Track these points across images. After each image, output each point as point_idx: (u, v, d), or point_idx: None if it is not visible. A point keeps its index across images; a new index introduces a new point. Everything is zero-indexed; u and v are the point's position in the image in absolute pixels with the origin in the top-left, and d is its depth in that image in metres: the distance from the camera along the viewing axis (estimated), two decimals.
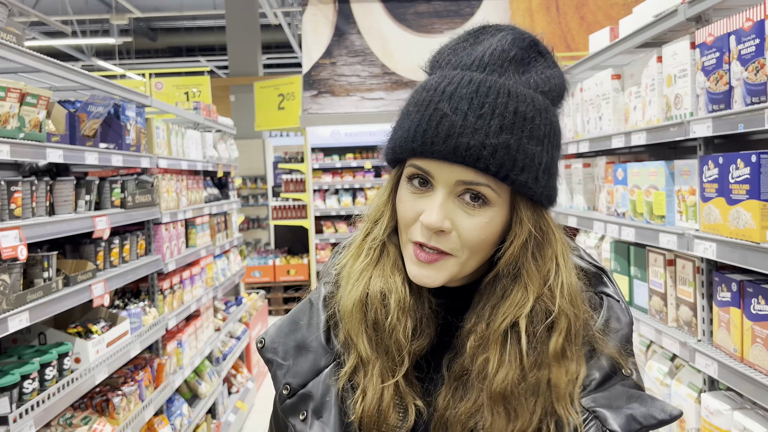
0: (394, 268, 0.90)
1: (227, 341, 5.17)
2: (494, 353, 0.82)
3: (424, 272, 0.84)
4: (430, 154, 0.80)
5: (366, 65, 8.13)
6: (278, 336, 0.96)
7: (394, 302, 0.87)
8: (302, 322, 0.96)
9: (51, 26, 10.56)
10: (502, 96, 0.80)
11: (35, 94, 2.20)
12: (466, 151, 0.78)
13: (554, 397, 0.80)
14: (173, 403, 3.69)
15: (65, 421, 2.57)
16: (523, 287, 0.83)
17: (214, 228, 4.78)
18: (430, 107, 0.81)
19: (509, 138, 0.79)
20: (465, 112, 0.79)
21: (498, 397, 0.81)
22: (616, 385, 0.82)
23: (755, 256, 1.73)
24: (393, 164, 0.91)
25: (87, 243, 2.82)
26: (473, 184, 0.80)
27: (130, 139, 3.14)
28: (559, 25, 8.63)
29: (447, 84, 0.82)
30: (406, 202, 0.85)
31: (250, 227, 11.65)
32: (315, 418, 0.89)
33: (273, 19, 11.30)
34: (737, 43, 1.81)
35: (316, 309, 0.96)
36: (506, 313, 0.83)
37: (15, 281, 2.11)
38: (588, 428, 0.79)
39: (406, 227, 0.86)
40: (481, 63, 0.83)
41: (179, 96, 6.52)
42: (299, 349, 0.93)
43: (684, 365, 2.40)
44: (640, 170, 2.49)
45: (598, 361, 0.83)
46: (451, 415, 0.83)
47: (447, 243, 0.82)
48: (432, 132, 0.80)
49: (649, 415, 0.79)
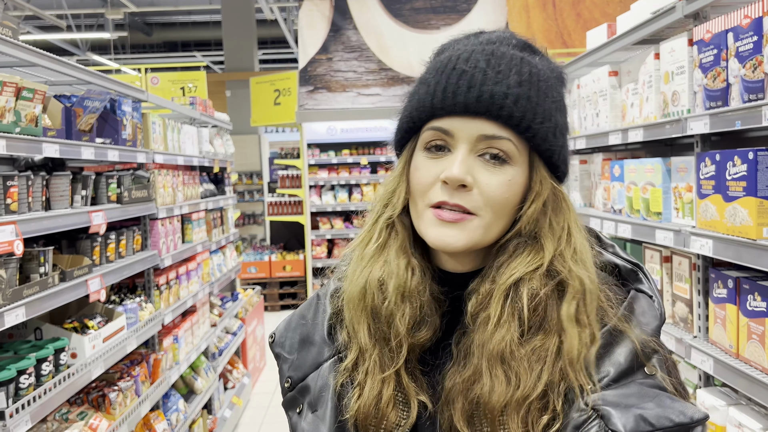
0: (400, 251, 0.87)
1: (223, 337, 5.17)
2: (495, 310, 0.79)
3: (447, 231, 0.80)
4: (452, 107, 0.79)
5: (362, 61, 8.11)
6: (286, 330, 0.97)
7: (392, 287, 0.84)
8: (309, 317, 0.96)
9: (46, 20, 10.50)
10: (516, 59, 0.82)
11: (31, 88, 2.19)
12: (491, 98, 0.78)
13: (567, 363, 0.76)
14: (169, 399, 3.69)
15: (61, 417, 2.56)
16: (538, 248, 0.82)
17: (210, 224, 4.77)
18: (448, 68, 0.82)
19: (528, 90, 0.80)
20: (484, 69, 0.80)
21: (496, 358, 0.77)
22: (632, 383, 0.75)
23: (751, 253, 1.73)
24: (403, 142, 0.89)
25: (83, 238, 2.81)
26: (496, 138, 0.79)
27: (127, 134, 3.13)
28: (555, 22, 8.63)
29: (461, 52, 0.83)
30: (422, 168, 0.83)
31: (246, 223, 11.64)
32: (310, 411, 0.88)
33: (269, 14, 11.27)
34: (735, 40, 1.81)
35: (323, 303, 0.95)
36: (514, 269, 0.80)
37: (11, 276, 2.10)
38: (589, 428, 0.72)
39: (422, 193, 0.82)
40: (489, 41, 0.85)
41: (175, 91, 6.50)
42: (303, 342, 0.93)
43: (679, 361, 2.42)
44: (637, 167, 2.49)
45: (614, 355, 0.77)
46: (454, 388, 0.80)
47: (470, 200, 0.79)
48: (453, 86, 0.80)
49: (664, 416, 0.70)
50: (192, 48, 16.27)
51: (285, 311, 8.61)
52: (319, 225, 8.22)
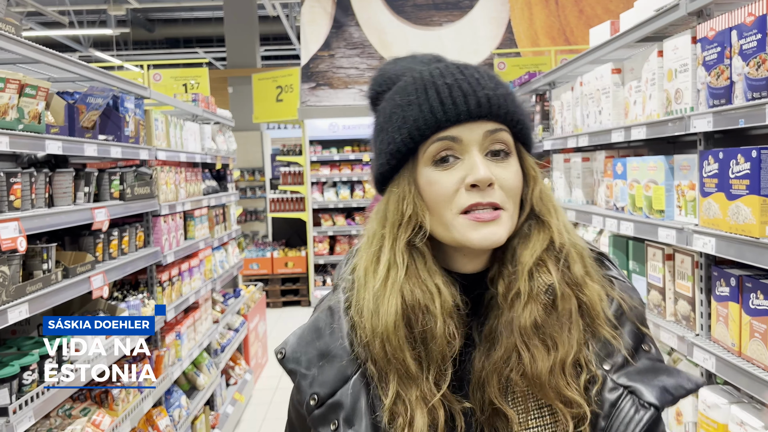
0: (432, 270, 0.88)
1: (225, 333, 5.18)
2: (524, 288, 0.85)
3: (489, 230, 0.85)
4: (457, 116, 0.85)
5: (364, 57, 8.10)
6: (300, 345, 0.93)
7: (439, 307, 0.85)
8: (324, 330, 0.92)
9: (48, 17, 10.50)
10: (478, 68, 0.91)
11: (34, 85, 2.19)
12: (488, 101, 0.86)
13: (593, 317, 0.85)
14: (172, 395, 3.70)
15: (64, 413, 2.57)
16: (544, 226, 0.90)
17: (213, 220, 4.78)
18: (433, 85, 0.88)
19: (504, 90, 0.89)
20: (467, 79, 0.87)
21: (529, 330, 0.83)
22: (642, 359, 0.85)
23: (754, 251, 1.73)
24: (397, 168, 0.90)
25: (86, 235, 2.82)
26: (497, 131, 0.87)
27: (129, 130, 3.13)
28: (558, 18, 8.61)
29: (427, 71, 0.90)
30: (439, 180, 0.86)
31: (248, 219, 11.64)
32: (347, 427, 0.86)
33: (271, 10, 11.26)
34: (739, 38, 1.81)
35: (338, 316, 0.93)
36: (534, 248, 0.88)
37: (14, 273, 2.11)
38: (624, 404, 0.81)
39: (447, 203, 0.86)
40: (435, 59, 0.96)
41: (177, 88, 6.50)
42: (323, 356, 0.90)
43: (681, 359, 2.42)
44: (639, 165, 2.49)
45: (622, 336, 0.86)
46: (487, 371, 0.84)
47: (498, 196, 0.86)
48: (450, 98, 0.86)
49: (679, 385, 0.83)
50: (194, 44, 16.26)
51: (287, 308, 8.62)
52: (321, 222, 8.22)
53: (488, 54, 8.22)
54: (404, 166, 0.90)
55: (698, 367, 2.19)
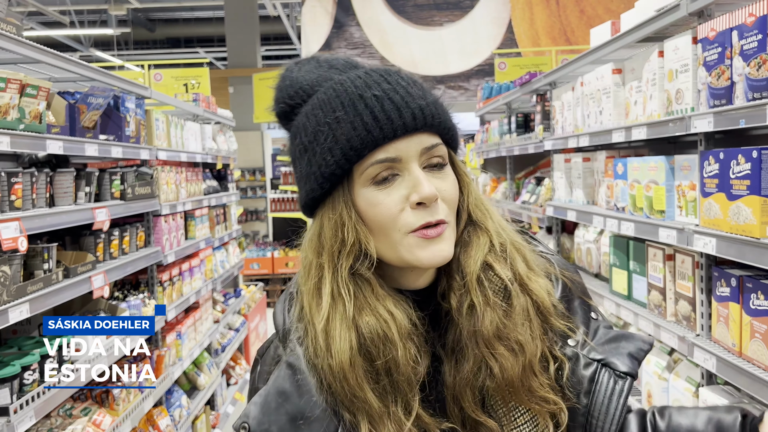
0: (381, 295, 0.83)
1: (226, 333, 5.18)
2: (476, 298, 0.84)
3: (437, 247, 0.82)
4: (393, 132, 0.80)
5: (365, 57, 8.10)
6: (265, 414, 0.81)
7: (396, 334, 0.80)
8: (290, 391, 0.81)
9: (49, 16, 10.50)
10: (399, 74, 0.86)
11: (35, 85, 2.19)
12: (422, 112, 0.82)
13: (545, 314, 0.86)
14: (172, 395, 3.70)
15: (65, 413, 2.58)
16: (482, 230, 0.88)
17: (213, 220, 4.78)
18: (361, 99, 0.81)
19: (432, 97, 0.86)
20: (394, 88, 0.82)
21: (493, 339, 0.82)
22: (598, 329, 0.89)
23: (755, 252, 1.73)
24: (330, 191, 0.84)
25: (87, 235, 2.82)
26: (435, 146, 0.83)
27: (130, 130, 3.14)
28: (558, 18, 8.61)
29: (353, 81, 0.84)
30: (381, 201, 0.81)
31: (249, 219, 11.64)
32: None
33: (272, 10, 11.26)
34: (740, 39, 1.81)
35: (302, 371, 0.82)
36: (476, 256, 0.86)
37: (15, 273, 2.11)
38: (602, 377, 0.83)
39: (393, 224, 0.81)
40: (349, 65, 0.91)
41: (178, 87, 6.50)
42: (295, 420, 0.80)
43: (682, 359, 2.42)
44: (640, 165, 2.49)
45: (575, 312, 0.89)
46: (458, 384, 0.83)
47: (442, 211, 0.83)
48: (383, 113, 0.80)
49: (639, 349, 0.87)
50: (195, 44, 16.26)
51: None
52: None
53: (489, 54, 8.22)
54: (337, 188, 0.83)
55: (699, 367, 2.19)
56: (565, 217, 3.32)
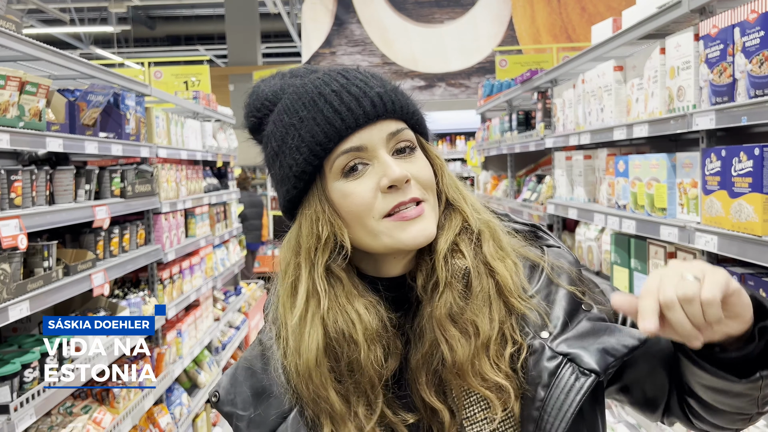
0: (352, 294, 0.84)
1: (226, 331, 5.18)
2: (441, 276, 0.84)
3: (419, 225, 0.83)
4: (355, 122, 0.82)
5: (366, 55, 8.10)
6: (233, 386, 0.88)
7: (361, 334, 0.81)
8: (257, 367, 0.88)
9: (49, 14, 10.49)
10: (358, 70, 0.88)
11: (35, 82, 2.19)
12: (380, 99, 0.83)
13: (507, 295, 0.83)
14: (173, 393, 3.70)
15: (65, 410, 2.57)
16: (456, 211, 0.89)
17: (214, 218, 4.78)
18: (321, 96, 0.84)
19: (391, 86, 0.87)
20: (351, 81, 0.84)
21: (446, 320, 0.82)
22: (582, 321, 0.83)
23: (756, 249, 1.72)
24: (305, 191, 0.86)
25: (87, 232, 2.82)
26: (400, 131, 0.85)
27: (130, 128, 3.13)
28: (560, 16, 8.59)
29: (312, 82, 0.86)
30: (353, 191, 0.83)
31: None
32: None
33: (272, 8, 11.24)
34: (742, 35, 1.80)
35: (271, 350, 0.88)
36: (447, 235, 0.86)
37: (15, 270, 2.11)
38: (563, 372, 0.79)
39: (367, 211, 0.82)
40: (310, 71, 0.92)
41: (178, 85, 6.49)
42: (259, 396, 0.86)
43: None
44: (641, 162, 2.48)
45: (557, 303, 0.85)
46: (415, 367, 0.83)
47: (416, 190, 0.84)
48: (343, 105, 0.82)
49: (620, 344, 0.80)
50: (195, 42, 16.24)
51: None
52: None
53: (490, 51, 8.20)
54: (311, 186, 0.85)
55: None
56: (566, 215, 3.31)
